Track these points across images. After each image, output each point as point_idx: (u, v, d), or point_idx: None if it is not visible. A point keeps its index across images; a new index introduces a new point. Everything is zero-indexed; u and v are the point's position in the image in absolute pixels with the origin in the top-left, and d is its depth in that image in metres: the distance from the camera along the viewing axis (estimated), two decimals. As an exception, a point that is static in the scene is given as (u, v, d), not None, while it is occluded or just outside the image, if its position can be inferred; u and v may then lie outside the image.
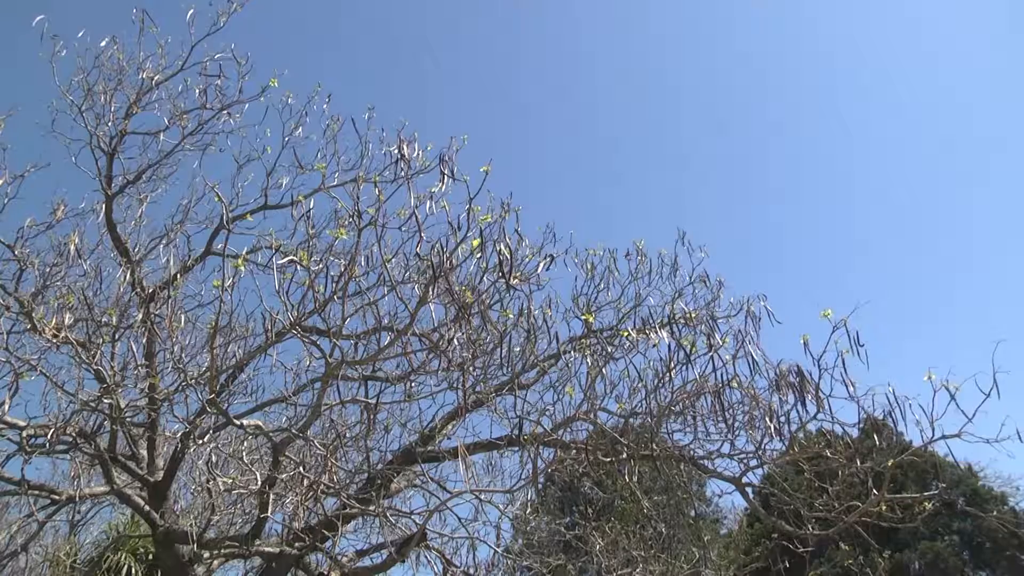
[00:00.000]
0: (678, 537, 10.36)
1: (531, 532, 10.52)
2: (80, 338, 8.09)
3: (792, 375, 6.98)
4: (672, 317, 7.36)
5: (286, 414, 9.17)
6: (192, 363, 8.43)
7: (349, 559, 8.84)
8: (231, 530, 9.03)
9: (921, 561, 19.68)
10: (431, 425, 8.17)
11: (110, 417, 8.02)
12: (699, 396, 7.02)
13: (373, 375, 8.06)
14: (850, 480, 7.49)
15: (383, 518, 7.00)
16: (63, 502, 9.33)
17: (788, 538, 8.40)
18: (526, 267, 7.57)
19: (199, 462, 9.56)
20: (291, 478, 7.44)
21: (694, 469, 8.16)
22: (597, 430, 7.30)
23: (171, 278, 8.86)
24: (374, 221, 6.88)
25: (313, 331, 7.58)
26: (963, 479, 20.37)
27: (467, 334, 7.08)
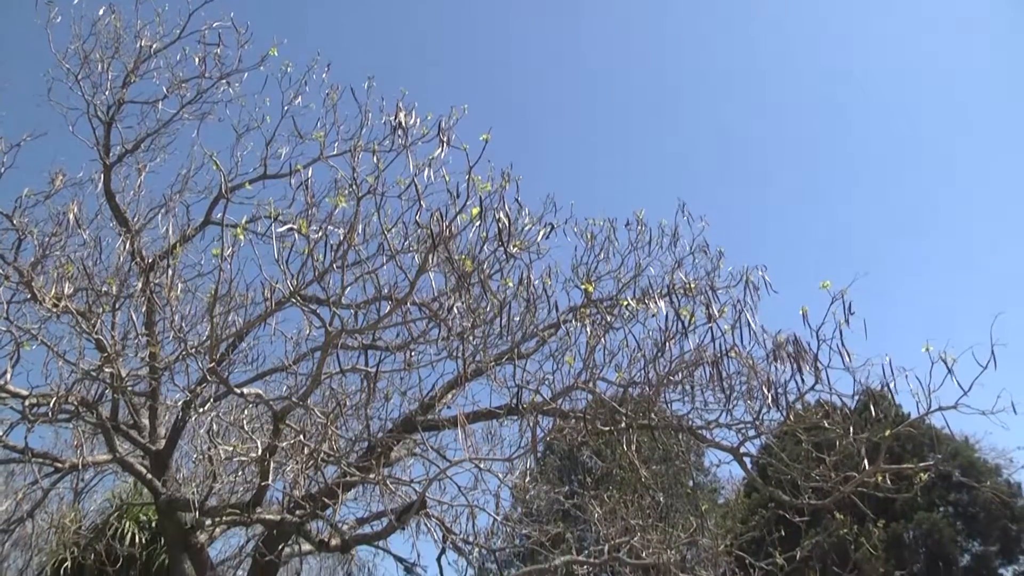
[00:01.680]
0: (676, 506, 10.44)
1: (530, 501, 10.59)
2: (80, 307, 8.11)
3: (789, 345, 7.00)
4: (671, 287, 7.35)
5: (286, 383, 9.21)
6: (192, 332, 8.45)
7: (349, 527, 8.92)
8: (232, 498, 9.10)
9: (916, 531, 19.89)
10: (431, 394, 8.20)
11: (111, 386, 8.06)
12: (697, 366, 7.04)
13: (373, 344, 8.08)
14: (847, 451, 7.53)
15: (383, 486, 7.06)
16: (66, 470, 9.41)
17: (785, 508, 8.48)
18: (526, 236, 7.56)
19: (200, 431, 9.61)
20: (291, 446, 7.48)
21: (692, 439, 8.21)
22: (596, 399, 7.33)
23: (170, 247, 8.86)
24: (373, 190, 6.86)
25: (313, 300, 7.59)
26: (959, 451, 20.52)
27: (467, 303, 7.09)
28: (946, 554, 20.12)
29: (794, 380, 6.94)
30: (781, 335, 7.04)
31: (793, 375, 6.95)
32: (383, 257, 7.30)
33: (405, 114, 7.68)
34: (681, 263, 8.44)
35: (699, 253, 8.74)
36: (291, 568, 13.45)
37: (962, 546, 20.62)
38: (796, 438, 8.38)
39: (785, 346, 7.02)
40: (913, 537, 20.17)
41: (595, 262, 8.49)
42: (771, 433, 8.03)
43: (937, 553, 20.10)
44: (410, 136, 7.66)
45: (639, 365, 7.07)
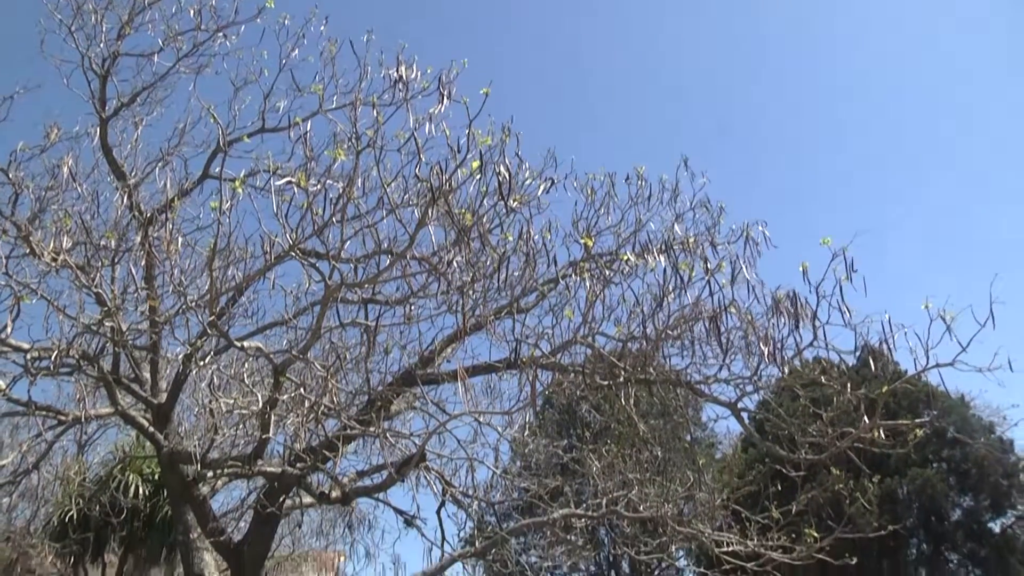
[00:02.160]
0: (673, 461, 10.54)
1: (529, 454, 10.69)
2: (79, 262, 8.09)
3: (788, 301, 7.00)
4: (670, 242, 7.33)
5: (286, 337, 9.24)
6: (192, 286, 8.44)
7: (350, 479, 9.03)
8: (234, 451, 9.19)
9: (909, 486, 20.14)
10: (430, 348, 8.23)
11: (112, 340, 8.08)
12: (696, 321, 7.05)
13: (373, 298, 8.09)
14: (844, 407, 7.58)
15: (383, 439, 7.11)
16: (70, 423, 9.48)
17: (781, 462, 8.57)
18: (526, 191, 7.52)
19: (201, 384, 9.67)
20: (292, 399, 7.53)
21: (690, 394, 8.26)
22: (595, 354, 7.35)
23: (168, 202, 8.82)
24: (373, 143, 6.80)
25: (312, 254, 7.57)
26: (954, 408, 20.70)
27: (467, 257, 7.08)
28: (938, 509, 20.42)
29: (792, 336, 6.96)
30: (780, 291, 7.05)
31: (792, 331, 6.97)
32: (383, 211, 7.27)
33: (405, 68, 7.60)
34: (681, 218, 8.41)
35: (699, 209, 8.70)
36: (292, 520, 13.64)
37: (954, 501, 20.91)
38: (794, 394, 8.44)
39: (784, 302, 7.02)
40: (907, 492, 20.44)
41: (595, 217, 8.45)
42: (769, 389, 8.07)
43: (929, 508, 20.40)
44: (410, 90, 7.58)
45: (638, 320, 7.08)
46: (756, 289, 7.06)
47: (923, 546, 21.35)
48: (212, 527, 8.88)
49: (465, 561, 10.71)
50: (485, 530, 11.50)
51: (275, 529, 9.60)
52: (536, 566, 11.83)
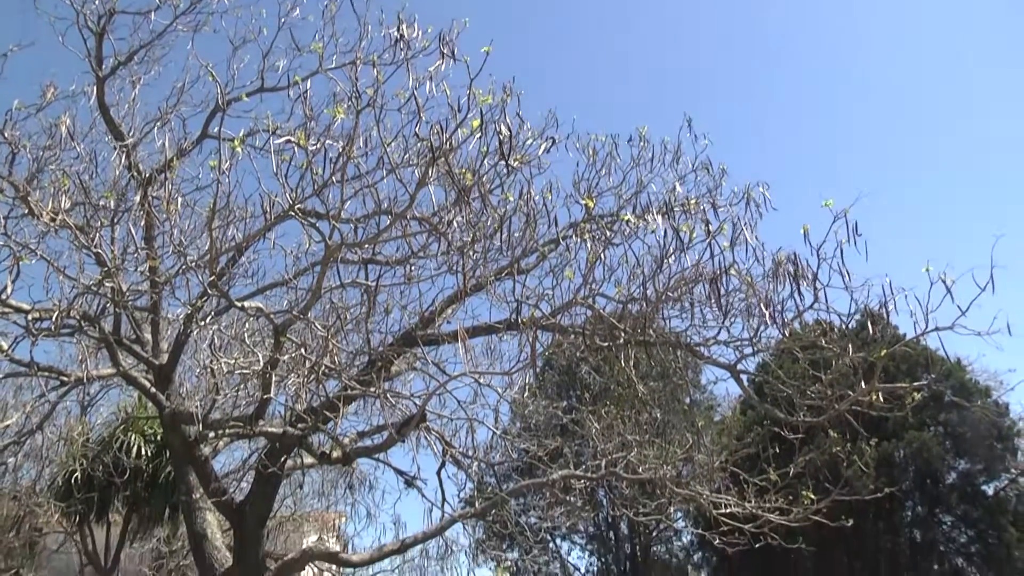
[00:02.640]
0: (672, 423, 10.59)
1: (529, 415, 10.75)
2: (78, 222, 8.06)
3: (789, 264, 6.98)
4: (670, 203, 7.29)
5: (286, 297, 9.25)
6: (192, 246, 8.42)
7: (351, 440, 9.09)
8: (235, 412, 9.25)
9: (906, 449, 20.32)
10: (431, 308, 8.23)
11: (112, 300, 8.08)
12: (696, 283, 7.05)
13: (373, 259, 8.08)
14: (843, 370, 7.59)
15: (383, 400, 7.15)
16: (72, 384, 9.53)
17: (780, 425, 8.61)
18: (527, 151, 7.47)
19: (202, 345, 9.70)
20: (293, 360, 7.55)
21: (690, 356, 8.27)
22: (595, 315, 7.36)
23: (167, 161, 8.76)
24: (373, 102, 6.75)
25: (312, 214, 7.54)
26: (952, 372, 20.78)
27: (467, 217, 7.05)
28: (934, 472, 20.62)
29: (793, 298, 6.95)
30: (781, 253, 7.03)
31: (792, 293, 6.96)
32: (383, 171, 7.23)
33: (406, 26, 7.49)
34: (683, 179, 8.37)
35: (701, 170, 8.64)
36: (294, 480, 13.77)
37: (949, 464, 21.12)
38: (793, 356, 8.46)
39: (785, 264, 7.01)
40: (903, 455, 20.63)
41: (596, 178, 8.40)
42: (768, 351, 8.09)
43: (925, 471, 20.60)
44: (411, 49, 7.49)
45: (638, 281, 7.07)
46: (757, 251, 7.04)
47: (918, 508, 21.61)
48: (214, 487, 8.97)
49: (465, 521, 10.83)
50: (485, 491, 11.63)
51: (276, 489, 9.69)
52: (535, 527, 11.96)
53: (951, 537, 21.59)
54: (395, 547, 10.18)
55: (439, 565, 13.08)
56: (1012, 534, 19.93)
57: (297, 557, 9.86)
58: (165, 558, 16.82)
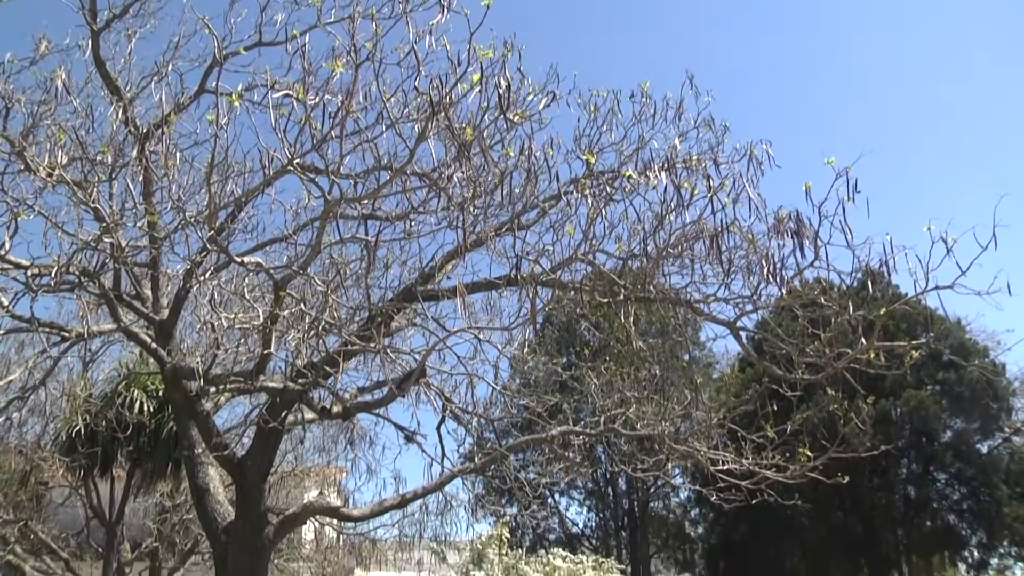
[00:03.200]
0: (671, 380, 10.64)
1: (528, 371, 10.80)
2: (76, 178, 8.01)
3: (790, 221, 6.96)
4: (672, 159, 7.23)
5: (286, 253, 9.23)
6: (191, 202, 8.38)
7: (351, 395, 9.14)
8: (236, 367, 9.29)
9: (903, 408, 20.48)
10: (430, 264, 8.22)
11: (112, 256, 8.07)
12: (697, 239, 7.02)
13: (372, 214, 8.04)
14: (842, 328, 7.61)
15: (383, 355, 7.17)
16: (73, 340, 9.55)
17: (778, 382, 8.65)
18: (528, 106, 7.39)
19: (203, 300, 9.71)
20: (293, 315, 7.56)
21: (690, 313, 8.28)
22: (595, 271, 7.35)
23: (165, 117, 8.67)
24: (371, 57, 6.66)
25: (311, 169, 7.49)
26: (951, 331, 20.87)
27: (467, 173, 7.01)
28: (930, 430, 20.81)
29: (793, 256, 6.94)
30: (783, 210, 6.99)
31: (793, 251, 6.95)
32: (382, 126, 7.16)
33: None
34: (685, 136, 8.29)
35: (703, 127, 8.56)
36: (294, 436, 13.89)
37: (945, 422, 21.31)
38: (792, 314, 8.47)
39: (786, 221, 6.98)
40: (900, 413, 20.80)
41: (597, 134, 8.32)
42: (768, 308, 8.09)
43: (921, 429, 20.79)
44: (410, 2, 7.37)
45: (639, 238, 7.05)
46: (758, 208, 7.01)
47: (913, 466, 21.85)
48: (216, 442, 9.04)
49: (465, 477, 10.95)
50: (484, 446, 11.70)
51: (277, 444, 9.77)
52: (534, 482, 12.07)
53: (944, 494, 21.88)
54: (395, 502, 10.30)
55: (439, 520, 13.27)
56: (1003, 491, 20.20)
57: (298, 511, 9.98)
58: (169, 512, 17.06)
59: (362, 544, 20.07)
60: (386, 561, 21.18)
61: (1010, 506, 20.16)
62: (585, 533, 26.52)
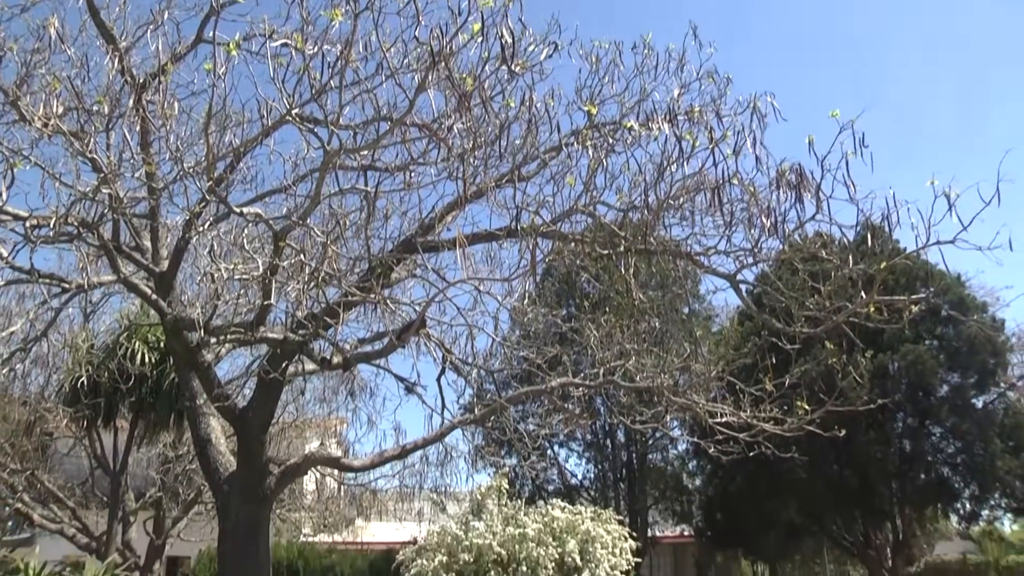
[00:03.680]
0: (671, 332, 10.68)
1: (528, 323, 10.82)
2: (72, 128, 7.93)
3: (792, 174, 6.92)
4: (675, 110, 7.15)
5: (286, 205, 9.20)
6: (189, 153, 8.31)
7: (351, 346, 9.18)
8: (236, 319, 9.31)
9: (900, 362, 20.57)
10: (430, 215, 8.19)
11: (110, 207, 8.03)
12: (698, 191, 6.99)
13: (372, 165, 7.99)
14: (842, 282, 7.61)
15: (383, 306, 7.18)
16: (73, 291, 9.56)
17: (777, 335, 8.69)
18: (529, 57, 7.29)
19: (202, 251, 9.70)
20: (292, 266, 7.56)
21: (690, 265, 8.28)
22: (596, 223, 7.33)
23: (162, 67, 8.56)
24: (371, 5, 6.56)
25: (310, 120, 7.42)
26: (950, 287, 20.86)
27: (467, 124, 6.94)
28: (926, 384, 20.91)
29: (795, 209, 6.91)
30: (785, 163, 6.95)
31: (794, 204, 6.92)
32: (382, 76, 7.08)
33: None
34: (687, 87, 8.19)
35: (706, 79, 8.45)
36: (295, 387, 14.00)
37: (942, 377, 21.39)
38: (793, 268, 8.47)
39: (788, 174, 6.94)
40: (897, 368, 20.89)
41: (599, 86, 8.22)
42: (768, 261, 8.09)
43: (918, 383, 20.88)
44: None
45: (640, 189, 7.00)
46: (760, 161, 6.96)
47: (909, 420, 22.00)
48: (217, 393, 9.11)
49: (464, 428, 11.05)
50: (484, 398, 11.80)
51: (278, 395, 9.85)
52: (534, 433, 12.18)
53: (939, 448, 22.07)
54: (395, 453, 10.42)
55: (439, 471, 13.44)
56: (997, 445, 20.39)
57: (299, 462, 10.10)
58: (171, 462, 17.27)
59: (363, 495, 20.40)
60: (387, 511, 21.54)
61: (1003, 459, 20.38)
62: (584, 484, 26.85)
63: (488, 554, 11.44)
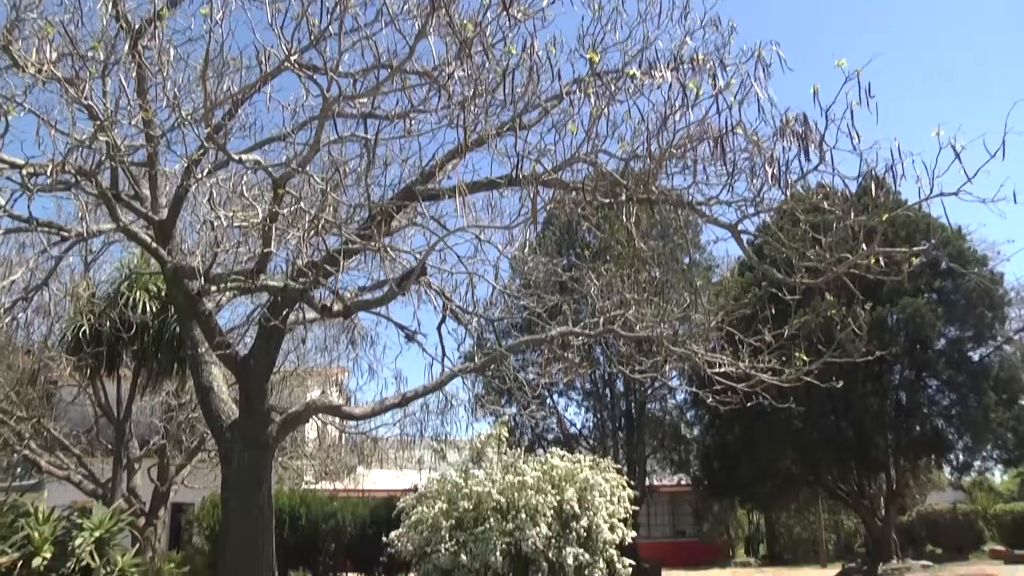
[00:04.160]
0: (671, 282, 10.70)
1: (528, 272, 10.82)
2: (66, 74, 7.82)
3: (797, 124, 6.85)
4: (679, 58, 7.04)
5: (285, 152, 9.14)
6: (187, 100, 8.22)
7: (352, 294, 9.20)
8: (237, 267, 9.32)
9: (899, 315, 20.65)
10: (431, 163, 8.14)
11: (108, 155, 7.97)
12: (701, 140, 6.92)
13: (372, 113, 7.91)
14: (844, 233, 7.60)
15: (383, 253, 7.18)
16: (73, 240, 9.54)
17: (777, 286, 8.70)
18: (531, 3, 7.17)
19: (202, 200, 9.66)
20: (292, 214, 7.53)
21: (691, 215, 8.25)
22: (597, 171, 7.28)
23: (157, 12, 8.41)
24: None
25: (309, 67, 7.33)
26: (951, 240, 20.83)
27: (468, 71, 6.85)
28: (924, 337, 21.02)
29: (798, 159, 6.86)
30: (789, 113, 6.87)
31: (798, 154, 6.86)
32: (381, 22, 6.97)
33: None
34: (691, 34, 8.06)
35: (710, 27, 8.31)
36: (296, 336, 14.07)
37: (940, 330, 21.47)
38: (794, 218, 8.44)
39: (792, 124, 6.87)
40: (896, 320, 20.97)
41: (601, 33, 8.08)
42: (770, 211, 8.06)
43: (916, 336, 20.99)
44: None
45: (642, 138, 6.94)
46: (764, 109, 6.88)
47: (906, 372, 22.16)
48: (218, 341, 9.15)
49: (464, 376, 11.13)
50: (484, 346, 11.85)
51: (279, 344, 9.90)
52: (533, 382, 12.28)
53: (934, 400, 22.26)
54: (396, 401, 10.51)
55: (439, 419, 13.58)
56: (991, 397, 20.56)
57: (301, 410, 10.20)
58: (174, 410, 17.43)
59: (364, 443, 20.63)
60: (387, 459, 21.80)
61: (996, 412, 20.58)
62: (583, 433, 27.13)
63: (487, 501, 11.61)
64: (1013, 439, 21.24)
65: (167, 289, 11.51)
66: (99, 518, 9.02)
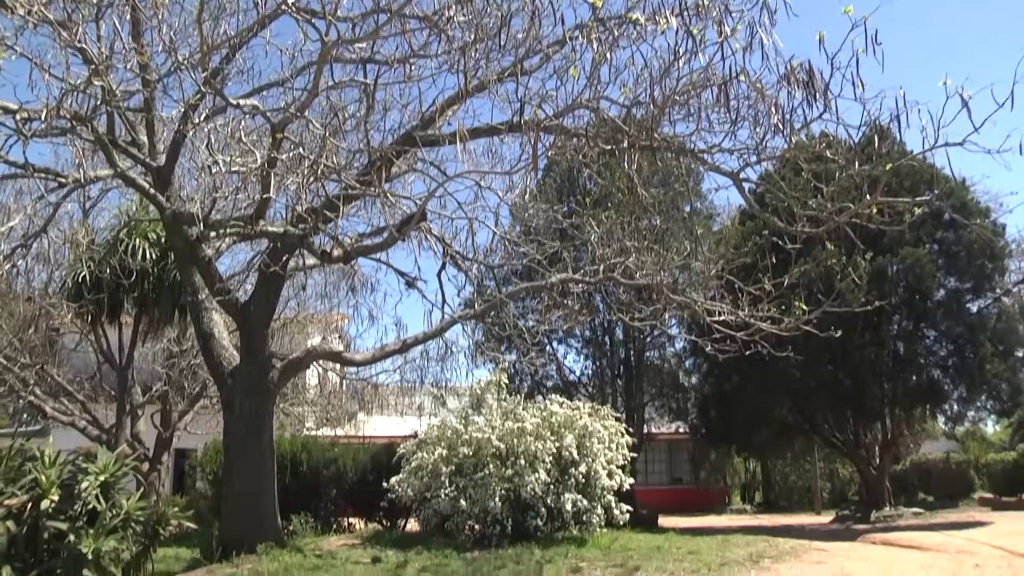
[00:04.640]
0: (672, 230, 10.67)
1: (529, 219, 10.77)
2: (58, 17, 7.66)
3: (802, 72, 6.74)
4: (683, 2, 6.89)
5: (283, 99, 9.02)
6: (183, 44, 8.08)
7: (352, 239, 9.19)
8: (236, 213, 9.27)
9: (899, 265, 20.58)
10: (431, 109, 8.05)
11: (103, 100, 7.86)
12: (705, 88, 6.82)
13: (371, 58, 7.79)
14: (846, 183, 7.54)
15: (383, 199, 7.14)
16: (71, 186, 9.48)
17: (779, 235, 8.67)
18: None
19: (200, 146, 9.57)
20: (291, 160, 7.47)
21: (693, 162, 8.19)
22: (599, 118, 7.20)
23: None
24: None
25: (307, 11, 7.19)
26: (954, 191, 20.64)
27: (469, 15, 6.72)
28: (924, 288, 20.97)
29: (802, 108, 6.76)
30: (794, 61, 6.76)
31: (802, 102, 6.77)
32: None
33: None
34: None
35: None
36: (296, 283, 14.07)
37: (939, 281, 21.42)
38: (797, 167, 8.37)
39: (797, 72, 6.76)
40: (896, 271, 20.90)
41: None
42: (773, 159, 7.99)
43: (915, 287, 20.94)
44: None
45: (645, 85, 6.84)
46: (769, 57, 6.76)
47: (904, 322, 22.17)
48: (219, 287, 9.17)
49: (465, 323, 11.17)
50: (484, 293, 11.86)
51: (279, 290, 9.92)
52: (533, 329, 12.31)
53: (932, 350, 22.30)
54: (396, 347, 10.57)
55: (439, 366, 13.66)
56: (987, 348, 20.60)
57: (302, 356, 10.26)
58: (176, 357, 17.52)
59: (364, 389, 20.79)
60: (388, 405, 21.98)
61: (992, 363, 20.64)
62: (582, 380, 27.24)
63: (487, 448, 11.73)
64: (1007, 390, 21.34)
65: (166, 235, 11.49)
66: (104, 463, 9.10)
